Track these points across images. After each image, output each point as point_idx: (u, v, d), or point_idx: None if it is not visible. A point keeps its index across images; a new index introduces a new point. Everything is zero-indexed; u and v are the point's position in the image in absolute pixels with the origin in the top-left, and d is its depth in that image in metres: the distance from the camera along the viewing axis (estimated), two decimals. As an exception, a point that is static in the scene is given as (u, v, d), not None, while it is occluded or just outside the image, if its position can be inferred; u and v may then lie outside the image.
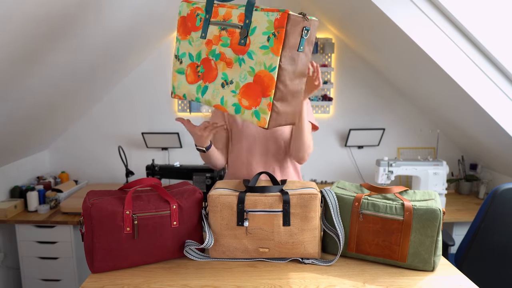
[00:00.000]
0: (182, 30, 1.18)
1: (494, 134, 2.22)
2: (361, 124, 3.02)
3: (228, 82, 1.09)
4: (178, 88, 1.20)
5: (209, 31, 1.12)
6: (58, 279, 2.39)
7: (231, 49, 1.07)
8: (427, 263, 1.17)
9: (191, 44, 1.16)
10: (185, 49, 1.18)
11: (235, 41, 1.06)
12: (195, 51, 1.15)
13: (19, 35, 1.39)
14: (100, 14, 1.71)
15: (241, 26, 1.05)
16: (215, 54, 1.11)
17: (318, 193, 1.20)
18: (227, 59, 1.08)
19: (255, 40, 1.03)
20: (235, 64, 1.07)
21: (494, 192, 1.78)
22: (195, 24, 1.14)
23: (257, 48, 1.03)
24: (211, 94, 1.12)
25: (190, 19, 1.16)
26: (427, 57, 1.98)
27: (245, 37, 1.04)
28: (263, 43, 1.02)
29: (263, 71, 1.02)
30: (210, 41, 1.11)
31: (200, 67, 1.14)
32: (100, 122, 2.91)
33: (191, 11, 1.15)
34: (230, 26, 1.07)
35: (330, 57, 2.93)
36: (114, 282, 1.11)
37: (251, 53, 1.04)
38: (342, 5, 2.34)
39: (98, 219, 1.12)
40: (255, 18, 1.03)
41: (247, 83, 1.05)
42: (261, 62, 1.02)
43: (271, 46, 1.01)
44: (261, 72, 1.03)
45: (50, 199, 2.45)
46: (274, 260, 1.24)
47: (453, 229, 2.50)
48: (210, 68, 1.12)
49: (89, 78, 2.32)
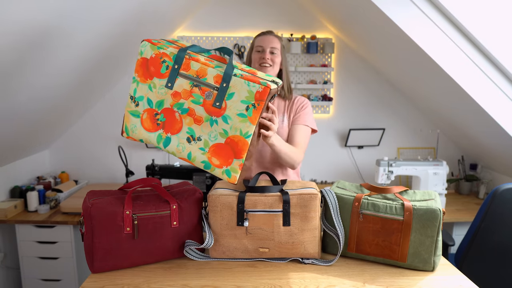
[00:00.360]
0: (142, 72, 1.10)
1: (494, 134, 2.22)
2: (361, 124, 3.02)
3: (195, 138, 1.09)
4: (132, 131, 1.14)
5: (178, 83, 1.08)
6: (58, 279, 2.39)
7: (203, 108, 1.07)
8: (427, 263, 1.17)
9: (151, 90, 1.10)
10: (143, 93, 1.11)
11: (209, 102, 1.06)
12: (156, 98, 1.10)
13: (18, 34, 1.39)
14: (99, 13, 1.71)
15: (217, 88, 1.05)
16: (182, 108, 1.08)
17: (318, 193, 1.20)
18: (197, 116, 1.07)
19: (232, 106, 1.05)
20: (205, 123, 1.07)
21: (494, 192, 1.78)
22: (160, 70, 1.09)
23: (234, 114, 1.05)
24: (176, 148, 1.11)
25: (153, 64, 1.09)
26: (427, 57, 1.98)
27: (220, 101, 1.04)
28: (241, 111, 1.05)
29: (237, 136, 1.06)
30: (178, 93, 1.08)
31: (161, 115, 1.10)
32: (100, 122, 2.91)
33: (156, 56, 1.09)
34: (204, 85, 1.06)
35: (330, 57, 2.93)
36: (114, 282, 1.11)
37: (227, 117, 1.06)
38: (342, 5, 2.34)
39: (98, 219, 1.12)
40: (234, 84, 1.04)
41: (218, 143, 1.07)
42: (237, 128, 1.05)
43: (249, 116, 1.04)
44: (235, 137, 1.06)
45: (50, 199, 2.45)
46: (274, 260, 1.24)
47: (453, 229, 2.50)
48: (174, 120, 1.09)
49: (89, 78, 2.32)
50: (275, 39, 1.59)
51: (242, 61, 2.88)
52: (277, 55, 1.58)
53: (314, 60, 2.92)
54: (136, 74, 1.12)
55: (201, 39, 2.85)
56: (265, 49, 1.57)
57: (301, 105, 1.62)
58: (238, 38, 2.87)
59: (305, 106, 1.62)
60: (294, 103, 1.63)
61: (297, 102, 1.63)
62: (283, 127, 1.59)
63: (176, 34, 2.84)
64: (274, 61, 1.57)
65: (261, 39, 1.60)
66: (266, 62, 1.55)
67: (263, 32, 1.63)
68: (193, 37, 2.84)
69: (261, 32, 1.64)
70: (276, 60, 1.58)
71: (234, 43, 2.87)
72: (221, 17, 2.86)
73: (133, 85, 1.12)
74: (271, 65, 1.56)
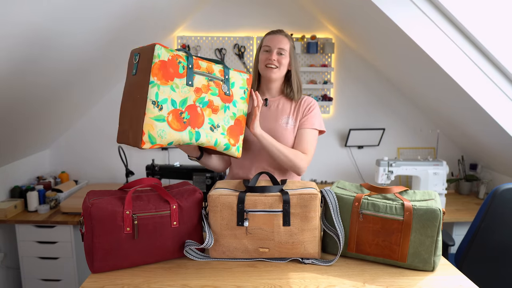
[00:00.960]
0: (162, 74, 1.12)
1: (494, 133, 2.22)
2: (361, 124, 3.02)
3: (215, 126, 1.26)
4: (161, 137, 1.12)
5: (196, 80, 1.20)
6: (58, 279, 2.39)
7: (220, 98, 1.26)
8: (427, 263, 1.17)
9: (174, 90, 1.15)
10: (166, 95, 1.13)
11: (222, 92, 1.27)
12: (180, 97, 1.16)
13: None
14: (97, 11, 1.71)
15: (223, 80, 1.27)
16: (203, 101, 1.22)
17: (318, 193, 1.20)
18: (214, 106, 1.25)
19: (236, 93, 1.30)
20: (221, 111, 1.26)
21: (494, 192, 1.78)
22: (178, 71, 1.15)
23: (238, 98, 1.31)
24: (206, 139, 1.24)
25: (172, 65, 1.14)
26: (427, 57, 1.98)
27: (228, 90, 1.27)
28: (241, 95, 1.32)
29: (241, 115, 1.33)
30: (199, 89, 1.20)
31: (185, 113, 1.17)
32: (100, 122, 2.91)
33: (172, 57, 1.14)
34: (216, 79, 1.25)
35: (330, 57, 2.93)
36: (114, 282, 1.11)
37: (235, 102, 1.30)
38: (342, 5, 2.34)
39: (98, 219, 1.12)
40: (232, 75, 1.29)
41: (230, 125, 1.30)
42: (241, 109, 1.32)
43: (246, 98, 1.34)
44: (240, 117, 1.32)
45: (50, 199, 2.45)
46: (274, 260, 1.24)
47: (453, 229, 2.49)
48: (197, 115, 1.20)
49: (89, 77, 2.32)
50: (284, 39, 1.51)
51: (242, 61, 2.89)
52: (285, 56, 1.50)
53: (314, 60, 2.92)
54: (155, 77, 1.11)
55: (201, 39, 2.85)
56: (272, 49, 1.49)
57: (308, 106, 1.54)
58: (238, 38, 2.87)
59: (312, 108, 1.54)
60: (301, 105, 1.55)
61: (304, 104, 1.55)
62: (287, 128, 1.51)
63: (176, 34, 2.84)
64: (281, 63, 1.49)
65: (269, 38, 1.52)
66: (272, 63, 1.48)
67: (272, 31, 1.55)
68: (193, 37, 2.84)
69: (271, 31, 1.55)
70: (283, 62, 1.50)
71: (234, 43, 2.87)
72: (221, 17, 2.86)
73: (152, 90, 1.11)
74: (277, 67, 1.49)
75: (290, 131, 1.51)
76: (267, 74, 1.50)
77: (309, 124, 1.52)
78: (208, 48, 2.87)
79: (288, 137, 1.51)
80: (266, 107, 1.55)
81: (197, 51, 2.85)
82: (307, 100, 1.56)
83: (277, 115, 1.53)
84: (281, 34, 1.52)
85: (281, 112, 1.54)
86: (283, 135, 1.50)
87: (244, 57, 2.88)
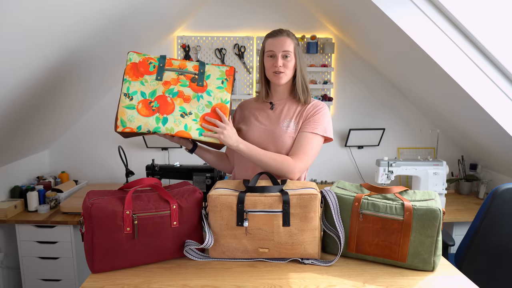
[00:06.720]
0: (133, 73, 1.37)
1: (494, 134, 2.22)
2: (361, 124, 3.02)
3: (187, 113, 1.37)
4: (130, 121, 1.34)
5: (166, 75, 1.38)
6: (58, 279, 2.39)
7: (190, 89, 1.38)
8: (427, 263, 1.17)
9: (143, 84, 1.36)
10: (136, 88, 1.36)
11: (194, 84, 1.39)
12: (149, 90, 1.36)
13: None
14: (97, 11, 1.71)
15: (197, 73, 1.39)
16: (172, 92, 1.37)
17: (318, 194, 1.20)
18: (186, 96, 1.37)
19: (211, 83, 1.40)
20: (193, 100, 1.38)
21: (494, 192, 1.78)
22: (148, 69, 1.38)
23: (214, 87, 1.40)
24: (173, 123, 1.36)
25: (142, 65, 1.37)
26: (427, 57, 1.98)
27: (201, 81, 1.39)
28: (218, 85, 1.40)
29: (220, 103, 1.39)
30: (167, 82, 1.38)
31: (154, 102, 1.36)
32: (100, 122, 2.91)
33: (143, 60, 1.38)
34: (187, 73, 1.39)
35: (330, 57, 2.93)
36: (114, 282, 1.11)
37: (209, 91, 1.39)
38: (342, 5, 2.34)
39: (98, 219, 1.12)
40: (208, 69, 1.41)
41: (206, 113, 1.38)
42: (218, 98, 1.39)
43: (225, 87, 1.41)
44: (217, 105, 1.39)
45: (50, 199, 2.45)
46: (274, 260, 1.24)
47: (453, 229, 2.50)
48: (166, 103, 1.36)
49: (89, 77, 2.32)
50: (287, 40, 1.45)
51: (242, 61, 2.89)
52: (290, 58, 1.45)
53: (314, 60, 2.92)
54: (127, 76, 1.37)
55: (201, 39, 2.85)
56: (276, 54, 1.44)
57: (314, 110, 1.49)
58: (238, 38, 2.87)
59: (317, 112, 1.48)
60: (306, 109, 1.49)
61: (310, 108, 1.50)
62: (286, 132, 1.46)
63: (176, 34, 2.84)
64: (287, 66, 1.45)
65: (272, 42, 1.46)
66: (279, 70, 1.45)
67: (273, 33, 1.48)
68: (193, 37, 2.84)
69: (272, 32, 1.49)
70: (289, 65, 1.46)
71: (234, 43, 2.87)
72: (221, 17, 2.86)
73: (125, 85, 1.36)
74: (284, 72, 1.46)
75: (290, 135, 1.47)
76: (276, 81, 1.48)
77: (309, 128, 1.46)
78: (208, 48, 2.87)
79: (286, 141, 1.46)
80: (271, 110, 1.54)
81: (197, 51, 2.85)
82: (314, 104, 1.51)
83: (280, 118, 1.51)
84: (282, 35, 1.46)
85: (284, 115, 1.51)
86: (281, 138, 1.46)
87: (244, 57, 2.88)
